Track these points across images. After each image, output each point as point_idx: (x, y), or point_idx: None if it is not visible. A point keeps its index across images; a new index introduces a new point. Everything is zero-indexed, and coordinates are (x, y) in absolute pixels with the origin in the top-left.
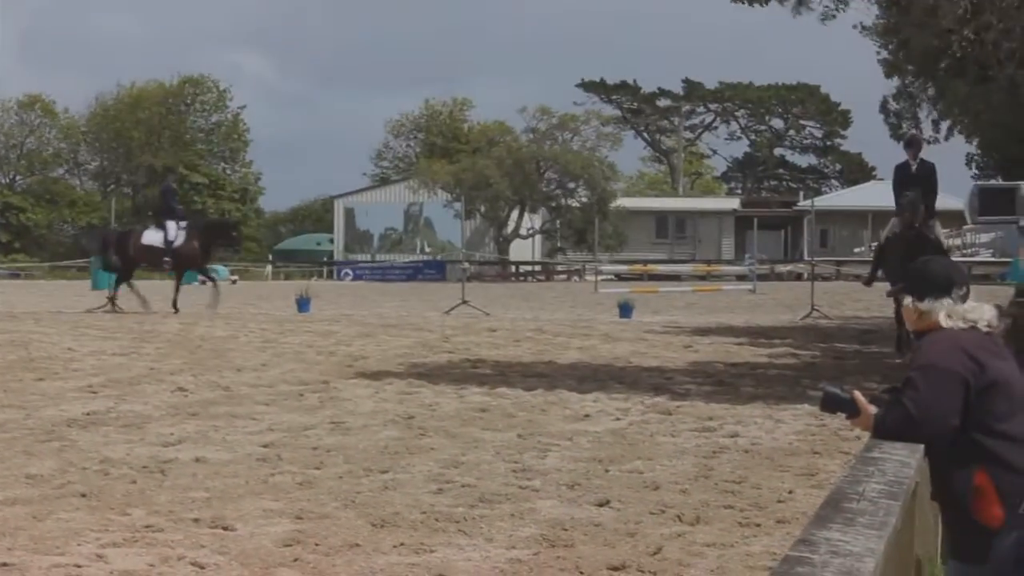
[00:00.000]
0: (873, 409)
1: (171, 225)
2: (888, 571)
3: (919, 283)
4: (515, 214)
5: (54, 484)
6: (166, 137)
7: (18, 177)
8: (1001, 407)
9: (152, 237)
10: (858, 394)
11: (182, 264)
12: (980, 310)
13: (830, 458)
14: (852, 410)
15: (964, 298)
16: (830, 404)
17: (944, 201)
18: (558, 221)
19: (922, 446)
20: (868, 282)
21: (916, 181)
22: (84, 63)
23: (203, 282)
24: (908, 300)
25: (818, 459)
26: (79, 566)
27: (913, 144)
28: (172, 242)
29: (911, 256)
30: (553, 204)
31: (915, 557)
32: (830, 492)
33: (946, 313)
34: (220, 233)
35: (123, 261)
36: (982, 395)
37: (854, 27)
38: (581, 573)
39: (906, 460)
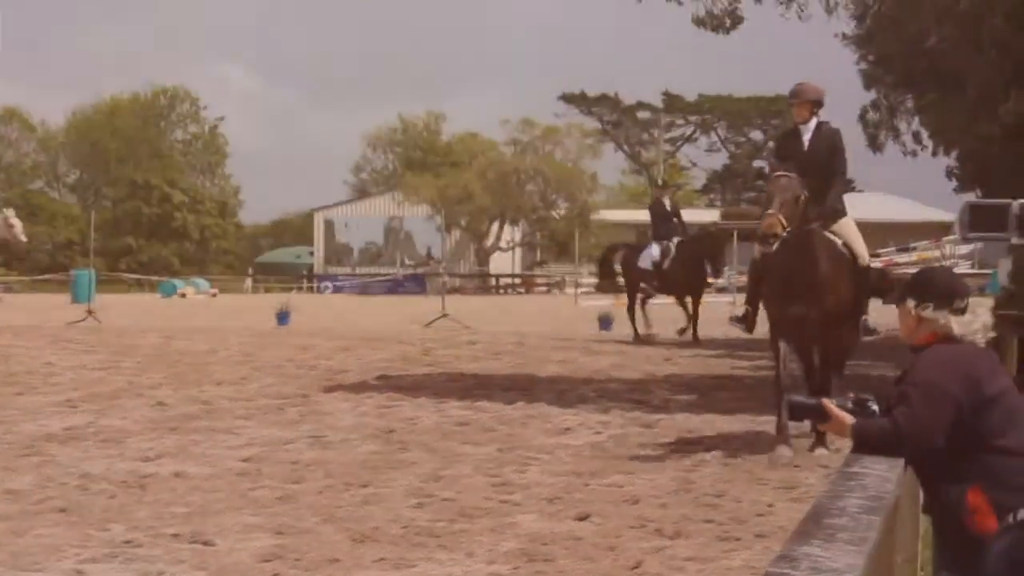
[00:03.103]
0: (847, 417)
1: (656, 245)
2: None
3: (922, 290)
4: (495, 227)
5: (33, 499)
6: (144, 150)
7: None
8: (998, 422)
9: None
10: (825, 401)
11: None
12: (978, 319)
13: (810, 471)
14: (820, 417)
15: (963, 311)
16: (797, 413)
17: (927, 213)
18: (538, 233)
19: (902, 460)
20: (750, 328)
21: (807, 156)
22: (65, 77)
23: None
24: (910, 305)
25: (798, 472)
26: None
27: (798, 96)
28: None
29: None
30: (534, 216)
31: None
32: (811, 507)
33: (956, 323)
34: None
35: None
36: (978, 412)
37: (835, 35)
38: None
39: (887, 475)
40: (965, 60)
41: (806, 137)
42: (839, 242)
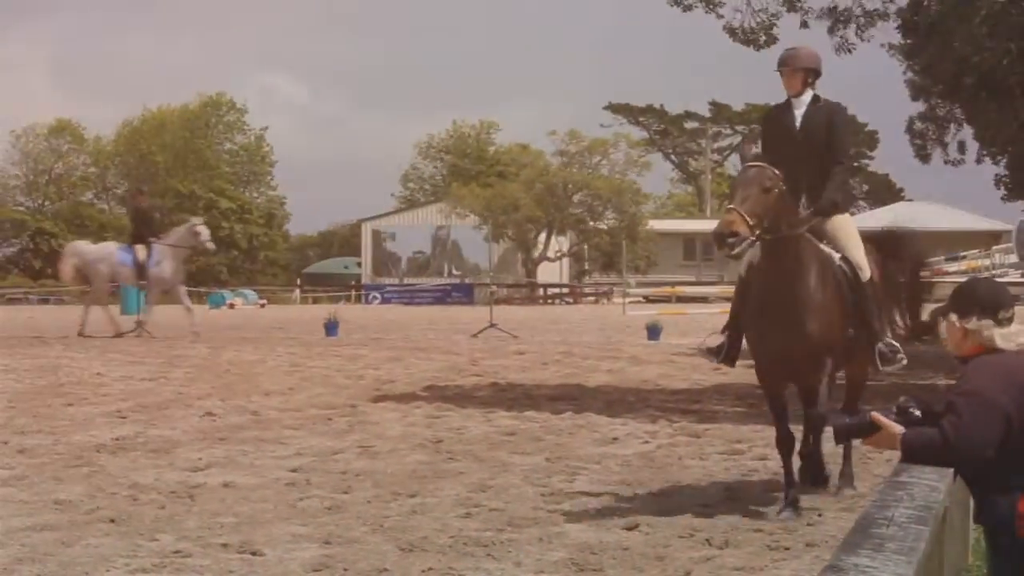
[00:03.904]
0: (897, 428)
1: None
2: None
3: (965, 302)
4: (543, 237)
5: (83, 510)
6: (191, 161)
7: (47, 202)
8: None
9: None
10: (876, 415)
11: None
12: None
13: (859, 481)
14: (866, 433)
15: (1009, 321)
16: (842, 436)
17: (976, 222)
18: (586, 244)
19: (951, 470)
20: (730, 360)
21: (800, 137)
22: (114, 88)
23: None
24: (953, 318)
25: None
26: None
27: (788, 62)
28: None
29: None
30: (581, 227)
31: None
32: (859, 517)
33: (1000, 335)
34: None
35: None
36: None
37: (882, 46)
38: None
39: (935, 485)
40: (1014, 72)
41: (798, 113)
42: (835, 254)
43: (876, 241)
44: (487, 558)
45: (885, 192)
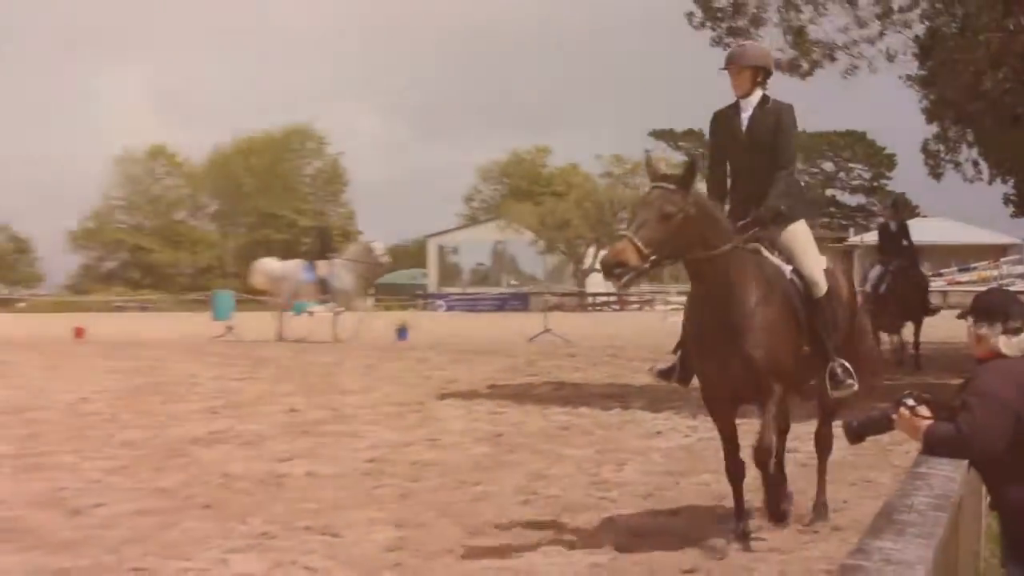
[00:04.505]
0: (921, 421)
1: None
2: None
3: (981, 310)
4: (592, 250)
5: (181, 496)
6: (274, 183)
7: (145, 220)
8: None
9: None
10: (903, 410)
11: None
12: None
13: (881, 471)
14: (882, 430)
15: (1018, 330)
16: (856, 434)
17: (986, 236)
18: None
19: (966, 462)
20: (683, 381)
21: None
22: (205, 117)
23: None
24: (970, 324)
25: (870, 472)
26: (204, 570)
27: (735, 60)
28: None
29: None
30: None
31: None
32: (883, 504)
33: (1004, 342)
34: None
35: None
36: None
37: (900, 77)
38: None
39: (952, 475)
40: (1019, 99)
41: (745, 116)
42: (786, 267)
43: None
44: (544, 542)
45: (903, 209)
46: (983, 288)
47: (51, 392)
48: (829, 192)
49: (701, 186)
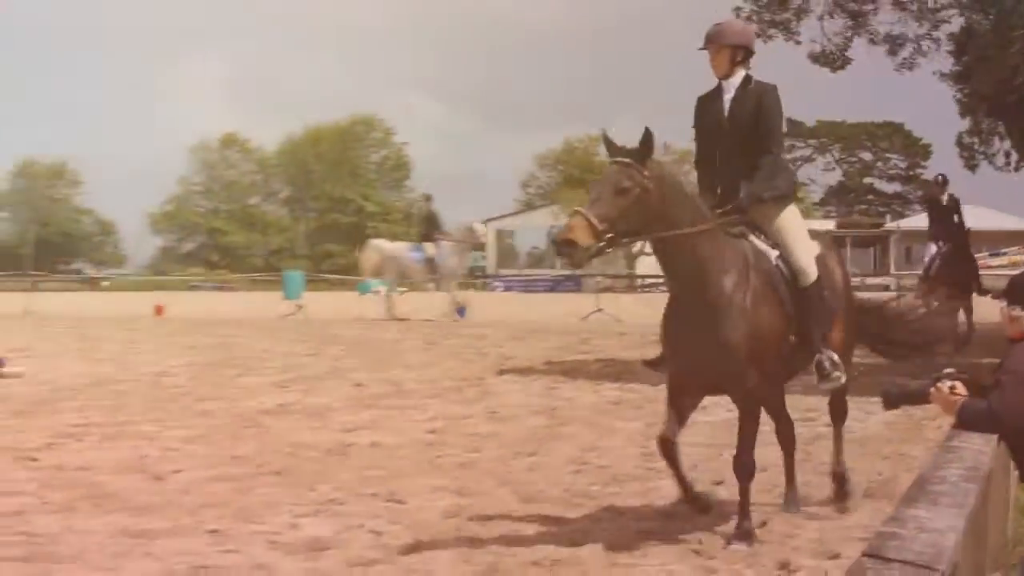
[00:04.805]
0: (957, 397)
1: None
2: (967, 545)
3: (1014, 293)
4: None
5: (254, 464)
6: (342, 170)
7: (221, 205)
8: None
9: None
10: (939, 386)
11: None
12: None
13: (914, 445)
14: (917, 401)
15: None
16: (893, 402)
17: (1016, 223)
18: None
19: (995, 436)
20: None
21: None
22: (275, 106)
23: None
24: (1004, 306)
25: (904, 445)
26: (276, 533)
27: (713, 39)
28: None
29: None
30: None
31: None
32: (916, 476)
33: None
34: None
35: None
36: None
37: (933, 73)
38: (700, 542)
39: (983, 449)
40: None
41: (727, 98)
42: (772, 252)
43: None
44: (595, 508)
45: (927, 197)
46: (1014, 272)
47: (134, 365)
48: (867, 180)
49: (676, 169)
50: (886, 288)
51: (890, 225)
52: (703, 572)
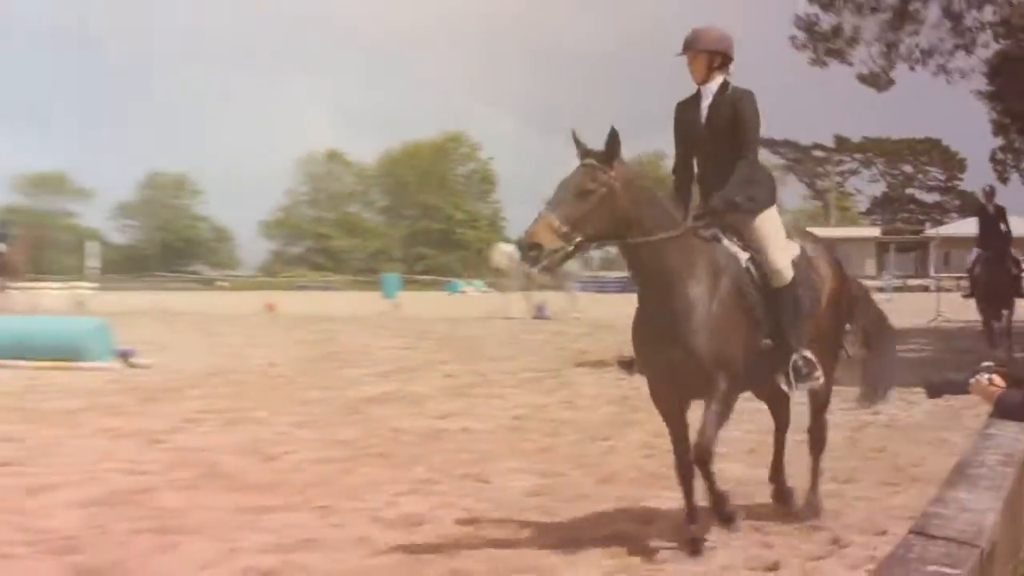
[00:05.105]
0: (996, 389)
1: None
2: (1004, 524)
3: None
4: None
5: (357, 447)
6: (434, 181)
7: (324, 213)
8: None
9: None
10: (979, 378)
11: None
12: None
13: (953, 432)
14: (956, 391)
15: None
16: (935, 392)
17: None
18: None
19: None
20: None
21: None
22: (374, 124)
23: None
24: None
25: (944, 432)
26: (377, 509)
27: (690, 45)
28: None
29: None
30: None
31: None
32: (957, 461)
33: None
34: None
35: None
36: None
37: (971, 92)
38: (759, 519)
39: (1018, 436)
40: None
41: (704, 104)
42: (743, 256)
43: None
44: (664, 488)
45: (974, 206)
46: None
47: (248, 357)
48: (908, 191)
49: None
50: (926, 289)
51: (930, 232)
52: (761, 547)
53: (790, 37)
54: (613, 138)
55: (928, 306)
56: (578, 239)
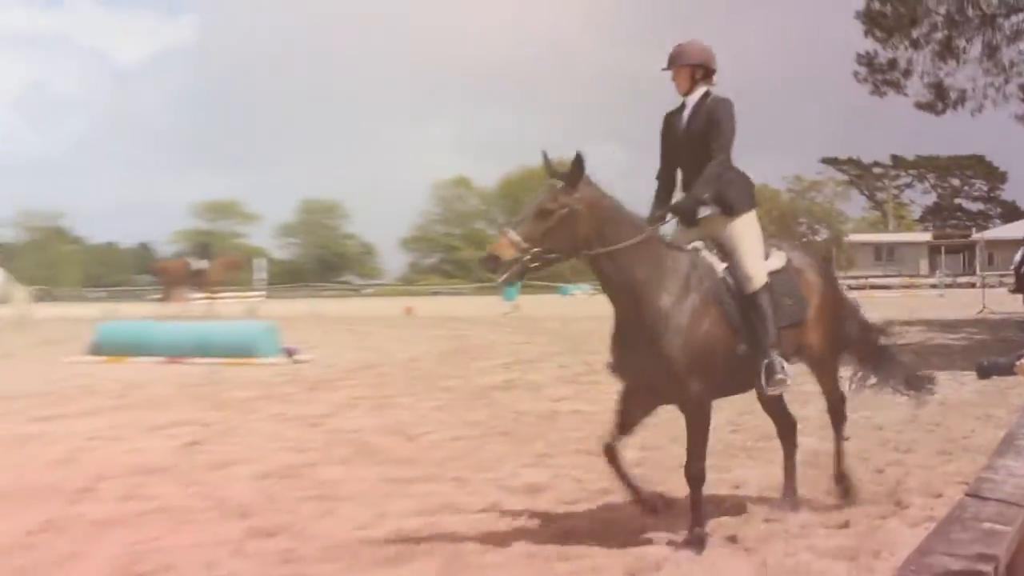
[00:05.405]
0: None
1: None
2: None
3: None
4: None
5: (485, 427)
6: None
7: (454, 229)
8: None
9: None
10: (1019, 364)
11: None
12: None
13: (999, 408)
14: (1003, 372)
15: None
16: (984, 373)
17: None
18: None
19: None
20: None
21: (685, 138)
22: (495, 153)
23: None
24: None
25: (991, 408)
26: (502, 478)
27: (675, 60)
28: None
29: None
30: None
31: None
32: (1004, 433)
33: None
34: None
35: None
36: None
37: (1009, 116)
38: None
39: None
40: None
41: (686, 114)
42: (718, 265)
43: None
44: (748, 459)
45: (1013, 213)
46: None
47: (391, 352)
48: (956, 201)
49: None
50: (973, 286)
51: (975, 236)
52: (832, 509)
53: (853, 72)
54: (577, 162)
55: (975, 300)
56: (536, 251)
